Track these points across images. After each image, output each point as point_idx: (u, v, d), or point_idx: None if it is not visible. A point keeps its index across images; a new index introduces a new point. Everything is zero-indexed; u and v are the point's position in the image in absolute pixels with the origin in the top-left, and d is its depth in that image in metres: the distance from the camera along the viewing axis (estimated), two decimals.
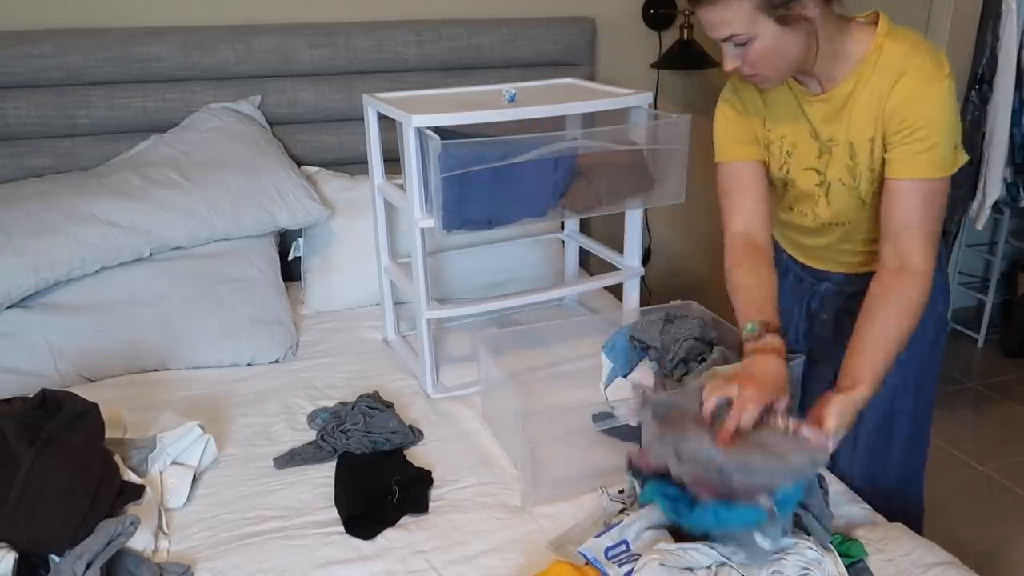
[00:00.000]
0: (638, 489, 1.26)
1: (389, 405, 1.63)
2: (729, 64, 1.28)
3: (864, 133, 1.33)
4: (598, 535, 1.17)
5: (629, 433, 1.42)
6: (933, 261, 1.31)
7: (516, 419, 1.34)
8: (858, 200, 1.41)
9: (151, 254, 1.91)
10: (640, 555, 1.11)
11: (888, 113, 1.29)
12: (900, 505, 1.50)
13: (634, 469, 1.27)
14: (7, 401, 1.34)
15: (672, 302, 1.75)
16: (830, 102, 1.35)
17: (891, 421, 1.54)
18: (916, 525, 1.43)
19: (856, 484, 1.47)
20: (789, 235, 1.62)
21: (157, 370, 1.84)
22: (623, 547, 1.14)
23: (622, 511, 1.25)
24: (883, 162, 1.33)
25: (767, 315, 1.35)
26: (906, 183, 1.29)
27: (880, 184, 1.35)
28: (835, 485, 1.41)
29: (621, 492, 1.30)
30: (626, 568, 1.10)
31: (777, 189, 1.54)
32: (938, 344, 1.56)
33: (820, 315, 1.61)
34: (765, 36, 1.22)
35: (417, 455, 1.52)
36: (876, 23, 1.33)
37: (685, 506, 1.13)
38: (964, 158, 1.34)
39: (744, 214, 1.47)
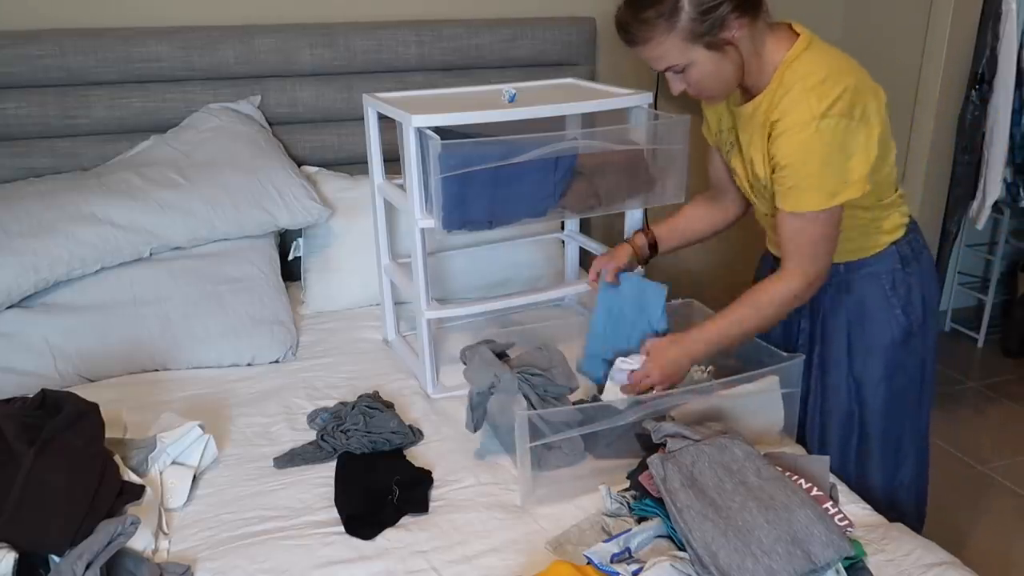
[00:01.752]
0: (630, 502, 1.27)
1: (389, 405, 1.63)
2: (675, 89, 1.40)
3: (759, 152, 1.42)
4: (605, 541, 1.17)
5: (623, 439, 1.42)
6: (811, 274, 1.40)
7: (516, 419, 1.34)
8: (771, 203, 1.46)
9: (151, 254, 1.91)
10: (643, 562, 1.11)
11: (768, 144, 1.38)
12: (899, 513, 1.51)
13: (634, 483, 1.28)
14: (7, 401, 1.34)
15: (672, 301, 1.75)
16: (742, 116, 1.45)
17: (864, 425, 1.59)
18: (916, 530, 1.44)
19: (855, 489, 1.47)
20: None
21: (157, 370, 1.84)
22: (627, 554, 1.14)
23: (627, 514, 1.26)
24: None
25: (656, 227, 1.73)
26: (779, 214, 1.40)
27: None
28: (838, 484, 1.41)
29: (623, 492, 1.30)
30: (634, 567, 1.11)
31: None
32: (907, 348, 1.56)
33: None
34: (699, 62, 1.33)
35: (417, 455, 1.52)
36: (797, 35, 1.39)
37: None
38: (859, 191, 1.35)
39: (712, 180, 1.72)
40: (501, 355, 1.54)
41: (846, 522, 1.17)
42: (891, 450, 1.59)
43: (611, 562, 1.13)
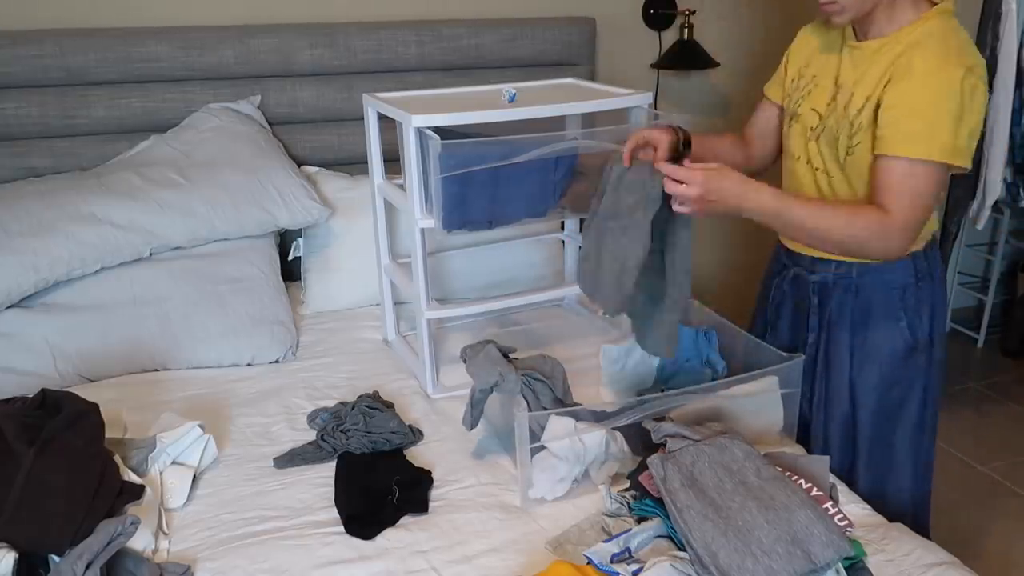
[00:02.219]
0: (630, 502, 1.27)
1: (389, 405, 1.63)
2: None
3: (867, 89, 1.37)
4: (605, 541, 1.17)
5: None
6: (909, 228, 1.32)
7: (516, 419, 1.34)
8: (836, 154, 1.44)
9: (151, 254, 1.91)
10: (643, 562, 1.11)
11: (892, 80, 1.33)
12: (906, 517, 1.50)
13: (634, 483, 1.28)
14: (7, 401, 1.34)
15: None
16: (862, 50, 1.41)
17: (856, 430, 1.58)
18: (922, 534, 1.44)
19: (863, 494, 1.47)
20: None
21: (157, 370, 1.84)
22: (627, 554, 1.14)
23: (627, 514, 1.26)
24: (870, 132, 1.37)
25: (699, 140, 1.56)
26: (890, 161, 1.32)
27: (859, 155, 1.40)
28: (837, 484, 1.41)
29: (623, 492, 1.30)
30: (634, 567, 1.11)
31: (781, 127, 1.63)
32: (908, 363, 1.53)
33: (784, 310, 1.65)
34: None
35: (417, 455, 1.52)
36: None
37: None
38: (963, 161, 1.32)
39: (750, 129, 1.70)
40: (505, 356, 1.54)
41: (846, 522, 1.17)
42: (881, 458, 1.58)
43: (611, 562, 1.13)
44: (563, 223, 2.26)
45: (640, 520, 1.22)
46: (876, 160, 1.35)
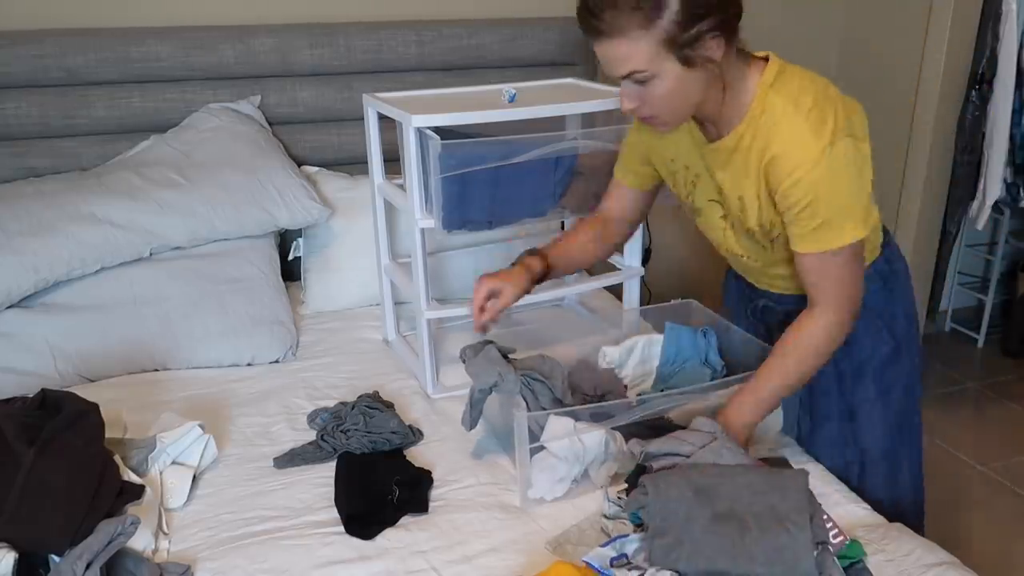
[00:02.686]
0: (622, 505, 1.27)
1: (389, 405, 1.63)
2: (627, 104, 1.22)
3: (751, 189, 1.29)
4: (603, 545, 1.17)
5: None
6: (845, 310, 1.30)
7: (515, 419, 1.34)
8: (759, 245, 1.38)
9: (151, 254, 1.91)
10: (643, 568, 1.11)
11: (771, 184, 1.25)
12: (907, 517, 1.49)
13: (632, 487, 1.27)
14: (7, 401, 1.34)
15: (672, 301, 1.75)
16: (719, 152, 1.31)
17: (864, 451, 1.54)
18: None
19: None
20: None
21: (157, 370, 1.84)
22: (624, 559, 1.14)
23: (626, 516, 1.26)
24: (778, 220, 1.29)
25: (549, 253, 1.53)
26: (802, 256, 1.28)
27: (783, 233, 1.32)
28: (835, 484, 1.41)
29: (621, 495, 1.30)
30: (635, 573, 1.11)
31: (645, 207, 1.58)
32: (897, 365, 1.50)
33: (760, 328, 1.60)
34: (667, 76, 1.16)
35: (417, 455, 1.52)
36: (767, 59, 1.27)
37: None
38: (873, 218, 1.29)
39: (603, 212, 1.59)
40: (504, 356, 1.54)
41: (840, 538, 1.17)
42: (892, 468, 1.56)
43: (611, 565, 1.13)
44: (563, 223, 2.27)
45: (638, 527, 1.22)
46: (800, 257, 1.29)
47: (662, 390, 1.53)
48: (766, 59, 1.27)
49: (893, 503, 1.53)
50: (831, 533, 1.16)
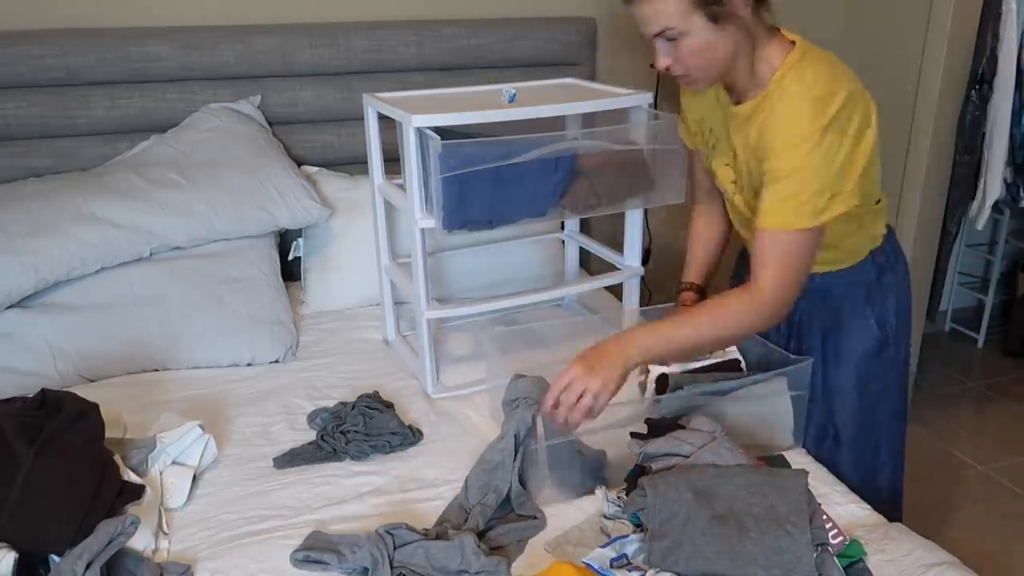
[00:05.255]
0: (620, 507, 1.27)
1: (389, 405, 1.63)
2: (661, 61, 1.30)
3: (758, 158, 1.35)
4: (602, 546, 1.17)
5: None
6: (778, 297, 1.31)
7: (529, 419, 1.34)
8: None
9: (151, 254, 1.91)
10: (644, 568, 1.11)
11: (759, 155, 1.32)
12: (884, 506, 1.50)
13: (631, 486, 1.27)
14: (7, 401, 1.34)
15: (671, 304, 1.75)
16: (737, 117, 1.39)
17: (838, 434, 1.59)
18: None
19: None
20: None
21: (157, 370, 1.84)
22: (624, 560, 1.14)
23: (625, 516, 1.26)
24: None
25: (691, 276, 1.70)
26: (761, 232, 1.32)
27: None
28: (836, 485, 1.41)
29: (621, 496, 1.30)
30: (635, 574, 1.11)
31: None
32: (881, 358, 1.53)
33: None
34: (696, 32, 1.24)
35: (417, 455, 1.52)
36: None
37: None
38: (842, 208, 1.30)
39: (697, 184, 1.69)
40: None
41: (840, 539, 1.17)
42: (866, 458, 1.58)
43: (610, 566, 1.13)
44: (563, 223, 2.27)
45: (637, 527, 1.22)
46: (756, 230, 1.34)
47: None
48: (793, 43, 1.33)
49: (867, 488, 1.53)
50: (831, 533, 1.16)
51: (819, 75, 1.28)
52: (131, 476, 1.33)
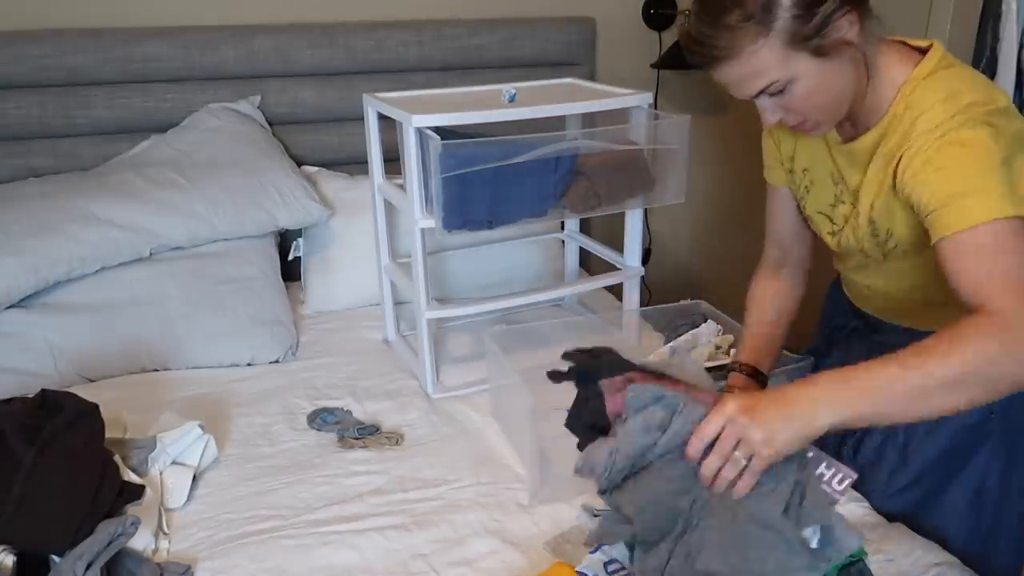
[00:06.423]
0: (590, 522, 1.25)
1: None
2: (770, 118, 1.09)
3: (883, 193, 1.13)
4: (592, 552, 1.16)
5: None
6: (1013, 311, 0.93)
7: (528, 417, 1.34)
8: (868, 259, 1.24)
9: (151, 254, 1.91)
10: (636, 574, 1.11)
11: (908, 179, 1.05)
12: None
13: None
14: (7, 401, 1.33)
15: (681, 301, 1.75)
16: (855, 152, 1.16)
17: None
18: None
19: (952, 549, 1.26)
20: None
21: (157, 370, 1.84)
22: (617, 564, 1.14)
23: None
24: (897, 224, 1.14)
25: (744, 354, 1.36)
26: (945, 244, 1.00)
27: (900, 250, 1.17)
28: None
29: (599, 513, 1.27)
30: None
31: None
32: (982, 429, 1.26)
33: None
34: (805, 75, 1.03)
35: (417, 455, 1.52)
36: (925, 52, 1.10)
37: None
38: None
39: (774, 236, 1.43)
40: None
41: (847, 482, 1.02)
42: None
43: (606, 570, 1.12)
44: (563, 223, 2.27)
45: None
46: (938, 250, 1.01)
47: None
48: (923, 51, 1.11)
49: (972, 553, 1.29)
50: (836, 479, 1.01)
51: (963, 83, 1.05)
52: (131, 476, 1.33)
